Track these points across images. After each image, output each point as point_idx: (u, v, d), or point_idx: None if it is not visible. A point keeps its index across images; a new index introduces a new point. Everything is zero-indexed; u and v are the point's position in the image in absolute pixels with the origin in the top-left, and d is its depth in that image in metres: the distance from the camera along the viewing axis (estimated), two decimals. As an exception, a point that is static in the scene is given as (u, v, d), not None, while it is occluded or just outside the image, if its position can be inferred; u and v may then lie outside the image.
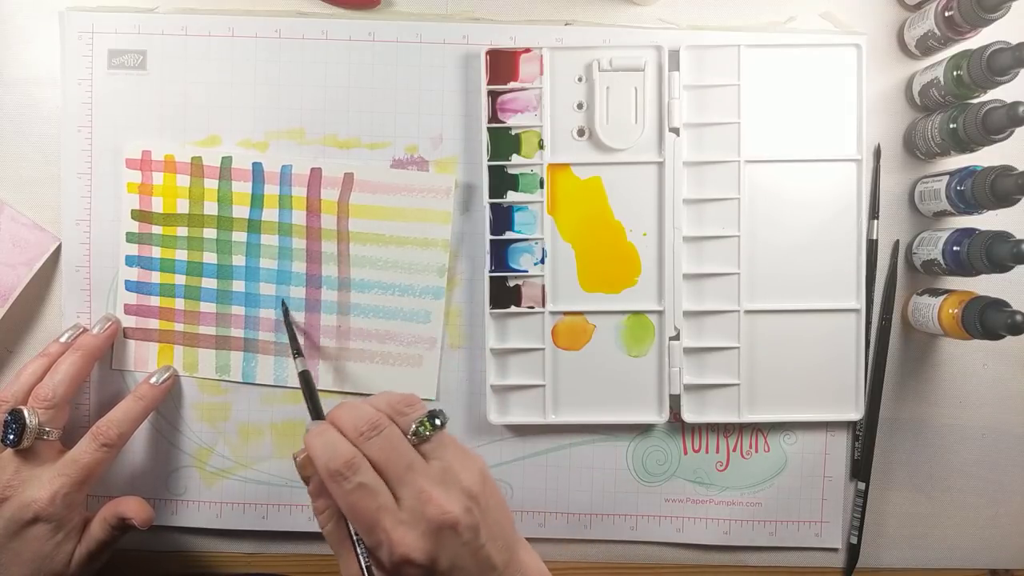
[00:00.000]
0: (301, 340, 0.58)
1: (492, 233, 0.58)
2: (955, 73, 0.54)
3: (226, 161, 0.59)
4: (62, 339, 0.57)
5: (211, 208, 0.59)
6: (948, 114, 0.54)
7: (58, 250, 0.59)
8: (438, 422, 0.46)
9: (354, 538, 0.46)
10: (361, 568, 0.46)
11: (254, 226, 0.59)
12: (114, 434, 0.54)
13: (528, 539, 0.60)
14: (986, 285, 0.59)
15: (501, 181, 0.58)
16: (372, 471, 0.44)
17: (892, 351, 0.60)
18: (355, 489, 0.44)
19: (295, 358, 0.56)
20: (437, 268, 0.59)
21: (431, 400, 0.60)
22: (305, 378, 0.54)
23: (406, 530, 0.44)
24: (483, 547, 0.45)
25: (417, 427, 0.46)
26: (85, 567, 0.54)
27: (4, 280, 0.58)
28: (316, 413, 0.52)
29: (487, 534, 0.45)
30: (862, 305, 0.58)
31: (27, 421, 0.52)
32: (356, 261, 0.59)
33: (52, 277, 0.60)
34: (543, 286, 0.59)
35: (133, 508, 0.55)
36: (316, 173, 0.59)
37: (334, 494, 0.44)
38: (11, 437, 0.52)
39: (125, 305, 0.59)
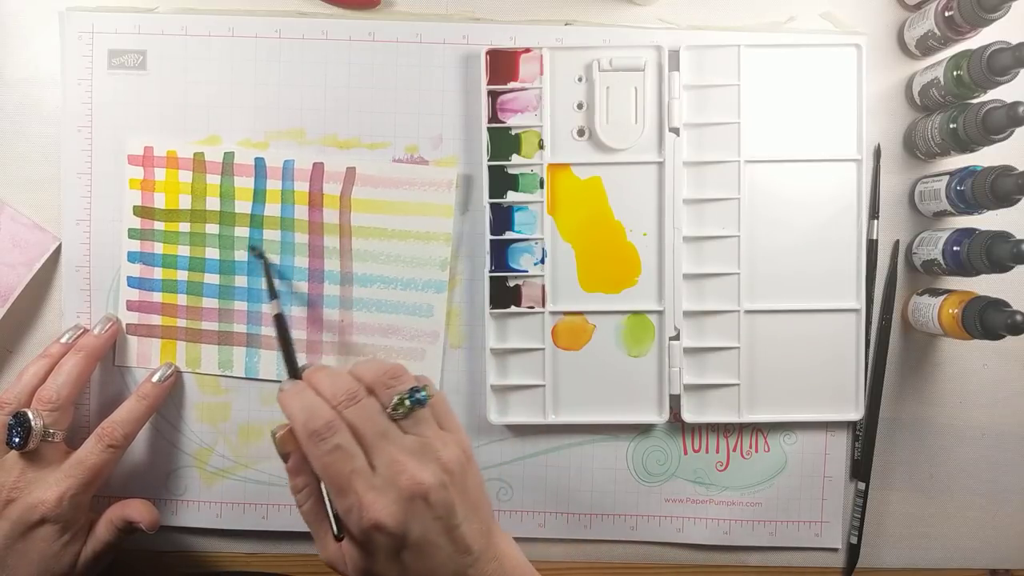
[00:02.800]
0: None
1: (492, 233, 0.58)
2: (955, 73, 0.54)
3: (228, 157, 0.59)
4: (63, 339, 0.57)
5: (213, 204, 0.59)
6: (948, 114, 0.54)
7: (58, 250, 0.59)
8: (420, 396, 0.46)
9: (327, 500, 0.46)
10: (332, 530, 0.46)
11: (256, 221, 0.59)
12: (119, 435, 0.54)
13: (528, 539, 0.61)
14: (986, 285, 0.59)
15: (501, 181, 0.58)
16: (350, 435, 0.44)
17: (892, 351, 0.60)
18: (332, 451, 0.44)
19: (270, 300, 0.56)
20: (439, 262, 0.59)
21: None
22: (280, 323, 0.53)
23: (377, 495, 0.44)
24: (458, 527, 0.45)
25: (395, 404, 0.46)
26: (90, 568, 0.54)
27: (4, 280, 0.58)
28: (292, 369, 0.52)
29: (464, 515, 0.45)
30: (862, 305, 0.58)
31: (32, 423, 0.52)
32: (358, 255, 0.59)
33: (52, 277, 0.60)
34: (543, 286, 0.59)
35: (140, 511, 0.55)
36: (318, 168, 0.59)
37: (310, 455, 0.44)
38: (16, 440, 0.52)
39: (127, 301, 0.59)
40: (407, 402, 0.46)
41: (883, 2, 0.59)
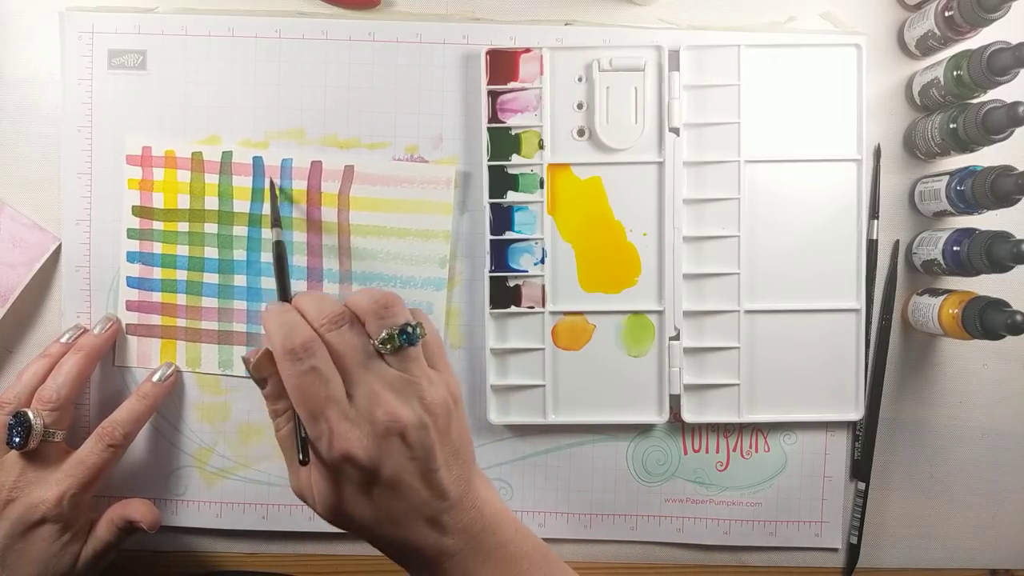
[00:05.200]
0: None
1: (492, 233, 0.58)
2: (955, 73, 0.54)
3: (227, 156, 0.59)
4: (63, 339, 0.57)
5: (212, 203, 0.59)
6: (948, 114, 0.54)
7: (58, 250, 0.59)
8: (411, 332, 0.43)
9: (296, 423, 0.43)
10: (298, 454, 0.43)
11: (255, 220, 0.59)
12: (120, 434, 0.54)
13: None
14: (986, 285, 0.59)
15: (501, 181, 0.58)
16: (329, 358, 0.42)
17: (892, 351, 0.60)
18: (307, 372, 0.41)
19: (272, 228, 0.54)
20: (438, 259, 0.59)
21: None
22: (279, 250, 0.51)
23: (350, 426, 0.41)
24: (436, 471, 0.43)
25: (384, 338, 0.43)
26: (91, 568, 0.54)
27: (4, 280, 0.58)
28: (283, 293, 0.49)
29: (444, 459, 0.43)
30: (862, 305, 0.58)
31: (32, 423, 0.52)
32: (357, 254, 0.59)
33: (52, 277, 0.60)
34: (543, 286, 0.59)
35: (141, 511, 0.55)
36: (316, 166, 0.59)
37: (284, 376, 0.42)
38: (17, 440, 0.52)
39: (127, 301, 0.59)
40: (397, 338, 0.43)
41: (883, 2, 0.59)
